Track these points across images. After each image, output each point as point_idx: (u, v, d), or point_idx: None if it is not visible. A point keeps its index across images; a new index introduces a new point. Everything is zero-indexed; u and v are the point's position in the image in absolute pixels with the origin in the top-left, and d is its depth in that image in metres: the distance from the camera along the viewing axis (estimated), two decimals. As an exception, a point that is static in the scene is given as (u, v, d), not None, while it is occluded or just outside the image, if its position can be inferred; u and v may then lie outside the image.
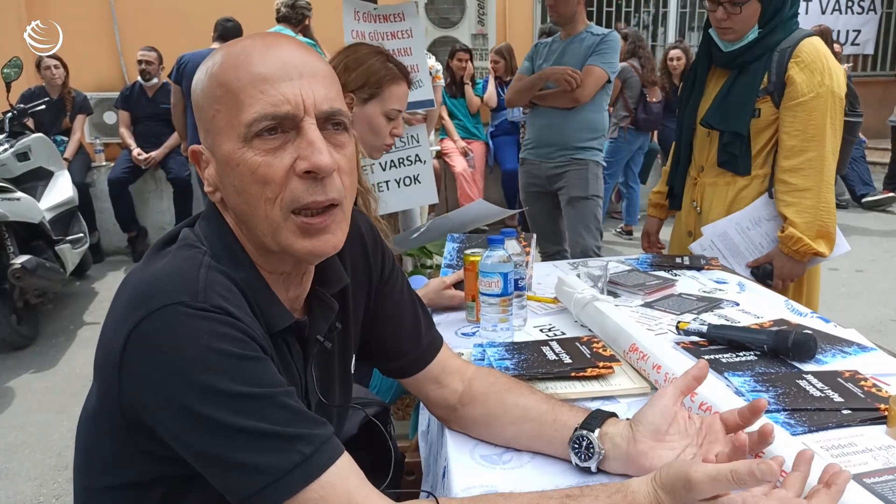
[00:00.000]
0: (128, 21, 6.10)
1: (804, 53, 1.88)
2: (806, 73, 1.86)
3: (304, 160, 0.78)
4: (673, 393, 0.91)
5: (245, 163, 0.78)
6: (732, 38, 1.95)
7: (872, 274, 4.74)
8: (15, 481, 2.55)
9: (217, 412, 0.72)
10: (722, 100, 2.00)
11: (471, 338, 1.51)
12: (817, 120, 1.86)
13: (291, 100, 0.78)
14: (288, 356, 0.89)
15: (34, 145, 4.29)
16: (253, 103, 0.77)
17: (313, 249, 0.82)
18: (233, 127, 0.79)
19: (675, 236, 2.33)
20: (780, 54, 1.90)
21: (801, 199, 1.89)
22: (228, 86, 0.79)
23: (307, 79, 0.79)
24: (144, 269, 0.82)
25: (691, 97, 2.13)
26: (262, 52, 0.80)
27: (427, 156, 3.16)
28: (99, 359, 0.80)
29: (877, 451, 0.96)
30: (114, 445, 0.82)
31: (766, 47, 1.92)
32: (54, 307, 4.33)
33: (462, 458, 1.03)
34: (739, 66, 1.98)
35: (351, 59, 1.79)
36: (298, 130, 0.79)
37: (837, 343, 1.35)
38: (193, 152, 0.86)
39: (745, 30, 1.92)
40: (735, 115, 1.96)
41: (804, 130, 1.87)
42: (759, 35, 1.92)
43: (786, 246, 1.92)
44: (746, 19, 1.89)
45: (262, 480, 0.73)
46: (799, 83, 1.86)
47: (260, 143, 0.78)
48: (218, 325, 0.74)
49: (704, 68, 2.10)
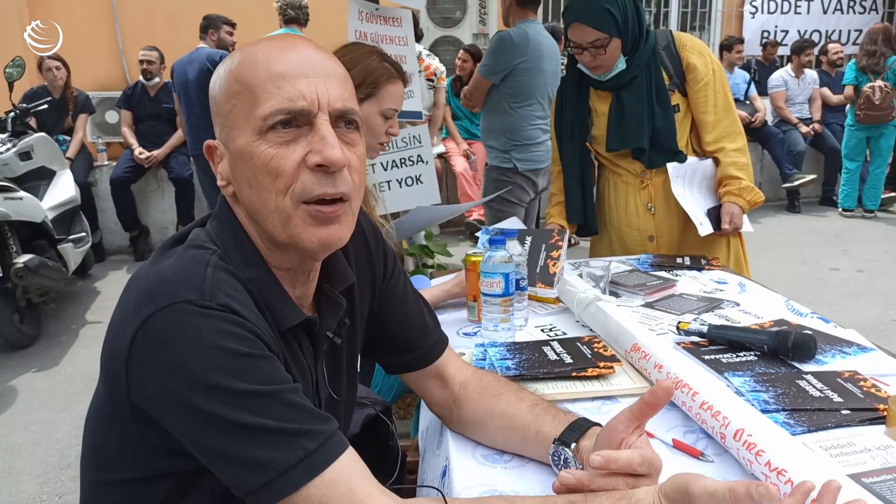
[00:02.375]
0: (130, 21, 6.11)
1: (686, 41, 2.10)
2: (699, 56, 2.08)
3: (315, 153, 0.80)
4: (626, 417, 0.86)
5: (259, 155, 0.80)
6: (603, 72, 2.06)
7: (873, 274, 4.75)
8: (18, 480, 2.56)
9: (222, 409, 0.73)
10: (617, 122, 2.09)
11: (472, 337, 1.51)
12: (721, 93, 2.09)
13: (307, 95, 0.80)
14: (299, 352, 0.90)
15: (37, 145, 4.30)
16: (269, 98, 0.80)
17: (322, 238, 0.83)
18: (248, 121, 0.81)
19: (621, 243, 2.25)
20: (666, 51, 2.07)
21: (738, 159, 2.09)
22: (246, 82, 0.81)
23: (323, 77, 0.82)
24: (152, 267, 0.83)
25: (576, 123, 2.17)
26: (280, 51, 0.82)
27: (429, 156, 3.17)
28: (106, 354, 0.81)
29: (875, 451, 0.97)
30: (121, 440, 0.83)
31: (646, 56, 2.04)
32: (57, 306, 4.34)
33: (464, 457, 1.04)
34: (620, 85, 2.07)
35: (347, 59, 1.77)
36: (312, 126, 0.81)
37: (837, 343, 1.36)
38: (208, 147, 0.88)
39: (612, 64, 2.03)
40: (633, 132, 2.08)
41: (716, 104, 2.08)
42: (628, 61, 2.03)
43: (742, 199, 2.06)
44: (612, 55, 2.01)
45: (266, 475, 0.74)
46: (699, 67, 2.06)
47: (274, 135, 0.80)
48: (224, 323, 0.75)
49: (585, 92, 2.16)
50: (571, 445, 0.92)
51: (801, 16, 7.96)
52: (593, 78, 2.09)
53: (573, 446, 0.92)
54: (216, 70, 0.87)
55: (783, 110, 6.77)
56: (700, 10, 7.72)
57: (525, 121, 3.21)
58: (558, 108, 2.25)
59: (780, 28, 7.83)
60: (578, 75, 2.14)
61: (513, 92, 3.16)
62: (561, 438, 0.93)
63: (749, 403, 1.07)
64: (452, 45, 6.25)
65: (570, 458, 0.91)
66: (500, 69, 3.14)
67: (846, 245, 5.51)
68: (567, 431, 0.94)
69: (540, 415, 1.00)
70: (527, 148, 3.23)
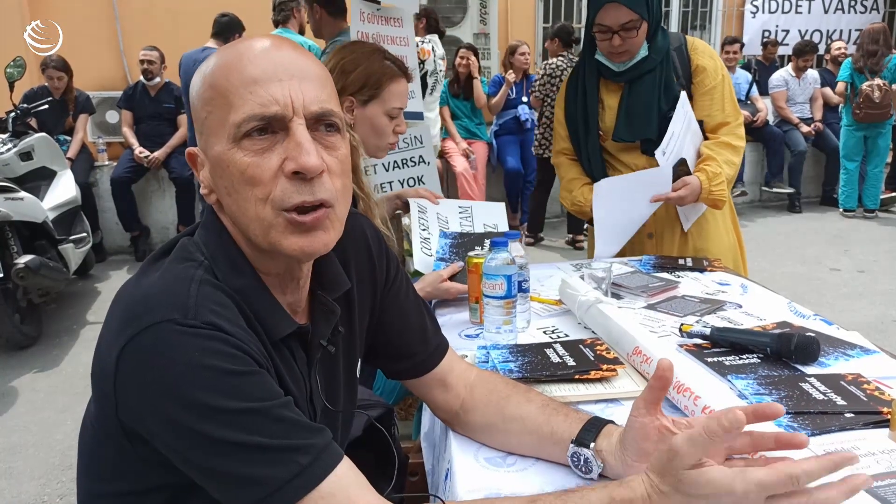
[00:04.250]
0: (130, 21, 6.11)
1: (698, 45, 2.11)
2: (709, 60, 2.08)
3: (291, 161, 0.78)
4: (644, 408, 0.86)
5: (234, 163, 0.78)
6: (627, 58, 2.05)
7: (874, 275, 4.74)
8: (19, 481, 2.56)
9: (212, 428, 0.72)
10: (626, 112, 2.09)
11: (474, 339, 1.51)
12: (728, 97, 2.10)
13: (280, 100, 0.77)
14: (292, 362, 0.88)
15: (37, 145, 4.30)
16: (242, 104, 0.77)
17: (304, 247, 0.81)
18: (223, 128, 0.79)
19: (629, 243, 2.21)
20: (677, 52, 2.08)
21: (729, 156, 2.05)
22: (219, 87, 0.79)
23: (297, 79, 0.79)
24: (137, 283, 0.81)
25: (588, 114, 2.14)
26: (254, 55, 0.80)
27: (431, 157, 3.17)
28: (95, 371, 0.80)
29: (880, 454, 0.96)
30: (114, 453, 0.82)
31: (661, 52, 2.05)
32: (57, 306, 4.34)
33: (466, 461, 1.04)
34: (633, 78, 2.07)
35: (348, 61, 1.77)
36: (287, 131, 0.78)
37: (840, 346, 1.35)
38: (190, 155, 0.87)
39: (638, 48, 2.03)
40: (642, 124, 2.07)
41: (723, 108, 2.08)
42: (649, 49, 2.03)
43: (707, 182, 1.99)
44: (640, 40, 2.02)
45: (260, 492, 0.73)
46: (710, 69, 2.07)
47: (249, 143, 0.78)
48: (209, 341, 0.74)
49: (595, 85, 2.14)
50: (591, 445, 0.92)
51: (802, 15, 7.96)
52: (609, 68, 2.08)
53: (592, 447, 0.92)
54: (195, 74, 0.84)
55: (784, 110, 6.76)
56: (701, 9, 7.72)
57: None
58: (569, 100, 2.22)
59: (780, 28, 7.83)
60: (596, 66, 2.12)
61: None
62: (578, 439, 0.93)
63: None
64: (453, 44, 6.25)
65: (590, 458, 0.91)
66: None
67: (847, 245, 5.51)
68: (583, 431, 0.94)
69: (552, 415, 0.99)
70: None
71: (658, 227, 2.17)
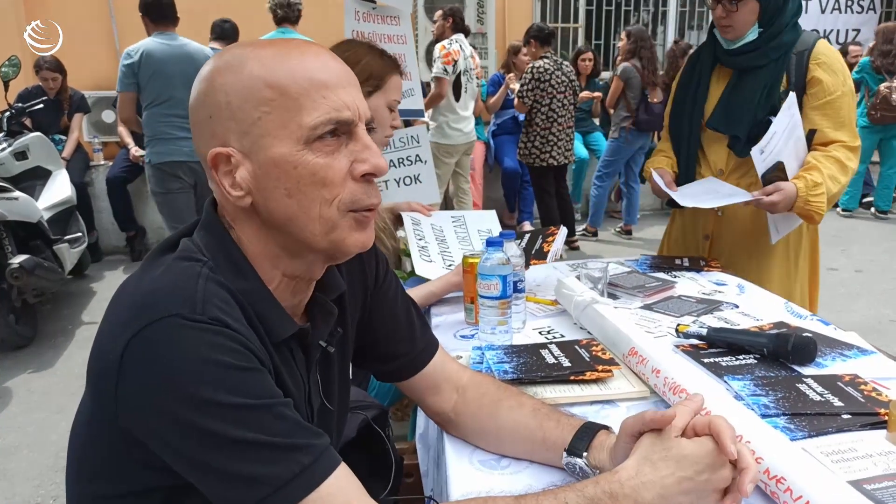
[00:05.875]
0: (126, 20, 6.07)
1: (823, 55, 1.92)
2: (829, 73, 1.90)
3: (363, 163, 0.82)
4: (630, 431, 0.87)
5: (305, 165, 0.79)
6: (732, 36, 1.97)
7: (872, 274, 4.75)
8: (13, 482, 2.54)
9: (216, 424, 0.72)
10: (726, 102, 2.01)
11: (469, 340, 1.50)
12: (845, 114, 1.92)
13: (350, 106, 0.81)
14: (291, 362, 0.88)
15: (32, 144, 4.28)
16: (316, 107, 0.79)
17: (364, 242, 0.85)
18: (288, 129, 0.79)
19: (683, 239, 2.24)
20: (797, 57, 1.93)
21: (838, 175, 1.86)
22: (283, 88, 0.79)
23: (354, 87, 0.84)
24: (140, 279, 0.81)
25: (696, 98, 2.09)
26: (314, 60, 0.81)
27: (427, 155, 3.17)
28: (93, 369, 0.79)
29: (877, 456, 0.96)
30: (108, 455, 0.81)
31: (778, 50, 1.93)
32: (52, 307, 4.32)
33: (461, 464, 1.03)
34: (743, 67, 1.99)
35: (350, 54, 1.78)
36: (351, 135, 0.82)
37: (837, 346, 1.35)
38: (218, 154, 0.81)
39: (744, 28, 1.94)
40: (738, 119, 1.97)
41: (835, 125, 1.91)
42: (762, 35, 1.93)
43: (805, 191, 1.80)
44: (745, 17, 1.92)
45: (261, 491, 0.72)
46: (826, 83, 1.90)
47: (321, 145, 0.80)
48: (216, 336, 0.74)
49: (708, 67, 2.09)
50: (583, 455, 0.92)
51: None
52: (723, 48, 2.00)
53: (585, 457, 0.92)
54: (219, 73, 0.81)
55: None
56: (698, 9, 7.72)
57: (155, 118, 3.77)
58: (682, 84, 2.15)
59: (778, 27, 7.83)
60: (713, 49, 2.05)
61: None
62: (571, 449, 0.94)
63: (749, 408, 1.06)
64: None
65: (584, 467, 0.92)
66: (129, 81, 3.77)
67: (844, 245, 5.52)
68: (576, 440, 0.94)
69: (543, 420, 1.00)
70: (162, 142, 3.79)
71: (717, 230, 2.09)
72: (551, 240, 1.85)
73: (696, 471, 0.78)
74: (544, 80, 4.88)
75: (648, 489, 0.78)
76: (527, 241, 1.90)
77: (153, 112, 3.78)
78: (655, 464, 0.79)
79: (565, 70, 4.99)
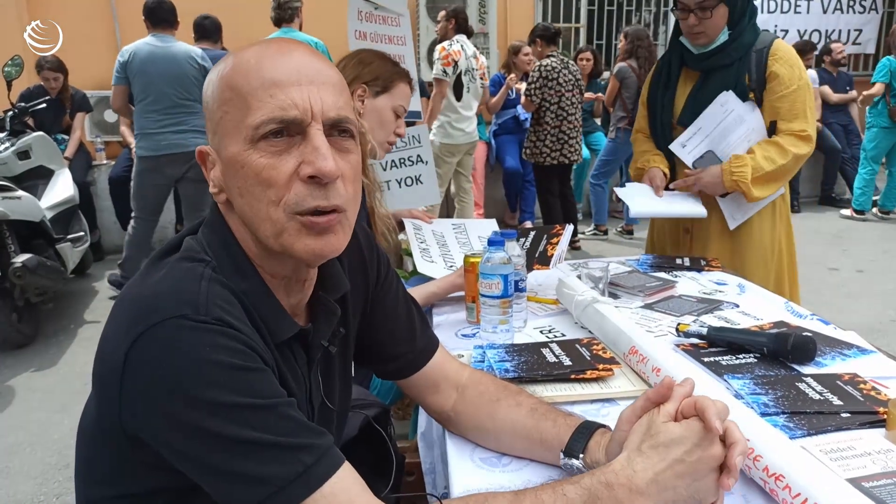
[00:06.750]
0: (128, 20, 6.08)
1: (780, 52, 2.04)
2: (786, 67, 2.02)
3: (308, 165, 0.78)
4: (630, 418, 0.87)
5: (250, 164, 0.78)
6: (704, 41, 2.05)
7: (872, 275, 4.75)
8: (16, 480, 2.55)
9: (220, 424, 0.72)
10: (693, 99, 2.10)
11: (471, 339, 1.51)
12: (800, 105, 2.03)
13: (300, 104, 0.78)
14: (293, 362, 0.88)
15: (35, 144, 4.29)
16: (261, 106, 0.78)
17: (315, 249, 0.81)
18: (239, 129, 0.79)
19: (666, 233, 2.31)
20: (756, 54, 2.04)
21: (775, 156, 1.99)
22: (238, 89, 0.79)
23: (317, 85, 0.80)
24: (144, 281, 0.81)
25: (665, 98, 2.18)
26: (273, 58, 0.80)
27: (428, 156, 3.17)
28: (98, 372, 0.79)
29: (875, 454, 0.96)
30: (114, 456, 0.82)
31: (741, 49, 2.03)
32: (55, 306, 4.32)
33: (462, 461, 1.04)
34: (710, 68, 2.08)
35: (366, 54, 1.91)
36: (304, 135, 0.79)
37: (837, 346, 1.35)
38: (200, 153, 0.86)
39: (716, 33, 2.03)
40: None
41: (789, 116, 2.02)
42: (730, 37, 2.02)
43: (729, 165, 1.99)
44: (717, 23, 2.01)
45: (264, 491, 0.73)
46: (783, 76, 2.01)
47: (265, 145, 0.78)
48: (220, 337, 0.74)
49: (676, 70, 2.17)
50: (580, 456, 0.92)
51: (801, 15, 7.95)
52: (690, 53, 2.09)
53: (581, 458, 0.92)
54: (209, 74, 0.85)
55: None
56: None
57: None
58: (654, 83, 2.24)
59: (780, 27, 7.82)
60: (680, 53, 2.13)
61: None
62: (568, 450, 0.94)
63: (748, 406, 1.07)
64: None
65: (581, 469, 0.92)
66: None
67: (845, 245, 5.51)
68: (572, 441, 0.94)
69: (540, 420, 1.00)
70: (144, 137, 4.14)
71: (696, 224, 2.17)
72: (556, 241, 1.85)
73: (685, 451, 0.78)
74: (552, 78, 4.88)
75: (641, 476, 0.78)
76: (531, 241, 1.90)
77: (139, 108, 4.15)
78: (645, 452, 0.79)
79: (572, 69, 5.01)
